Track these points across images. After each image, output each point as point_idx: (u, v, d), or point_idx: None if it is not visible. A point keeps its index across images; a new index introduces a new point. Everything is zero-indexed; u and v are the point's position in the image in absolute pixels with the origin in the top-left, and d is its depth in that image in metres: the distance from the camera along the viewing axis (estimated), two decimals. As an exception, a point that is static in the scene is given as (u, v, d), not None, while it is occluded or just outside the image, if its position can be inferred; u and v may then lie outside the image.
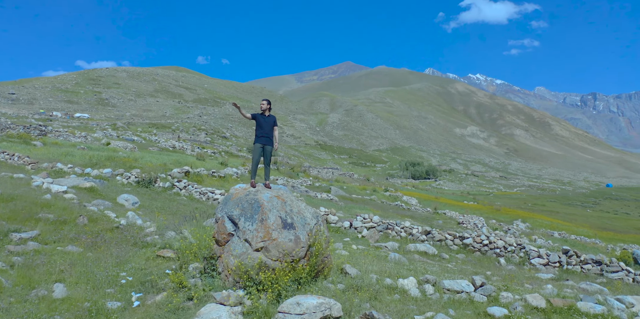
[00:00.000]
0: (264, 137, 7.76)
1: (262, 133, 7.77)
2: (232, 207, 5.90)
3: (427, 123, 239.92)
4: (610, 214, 71.93)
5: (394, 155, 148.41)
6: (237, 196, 5.98)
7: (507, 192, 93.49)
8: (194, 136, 58.86)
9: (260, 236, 5.54)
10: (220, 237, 5.85)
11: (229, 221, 5.89)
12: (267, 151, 7.78)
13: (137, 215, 9.16)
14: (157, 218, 9.28)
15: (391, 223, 12.89)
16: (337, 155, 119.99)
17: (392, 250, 10.12)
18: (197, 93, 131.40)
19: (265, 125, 7.86)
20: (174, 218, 9.64)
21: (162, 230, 8.28)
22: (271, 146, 7.82)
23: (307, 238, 5.69)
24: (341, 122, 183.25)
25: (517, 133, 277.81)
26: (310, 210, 6.09)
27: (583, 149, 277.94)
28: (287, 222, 5.70)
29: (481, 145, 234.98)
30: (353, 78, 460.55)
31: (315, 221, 5.95)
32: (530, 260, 10.97)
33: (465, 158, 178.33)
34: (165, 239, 7.67)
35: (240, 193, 6.06)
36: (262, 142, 7.75)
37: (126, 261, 6.82)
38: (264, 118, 7.86)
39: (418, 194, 47.39)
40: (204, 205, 12.63)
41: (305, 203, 6.27)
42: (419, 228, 12.54)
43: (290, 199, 6.10)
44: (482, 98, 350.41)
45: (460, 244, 12.06)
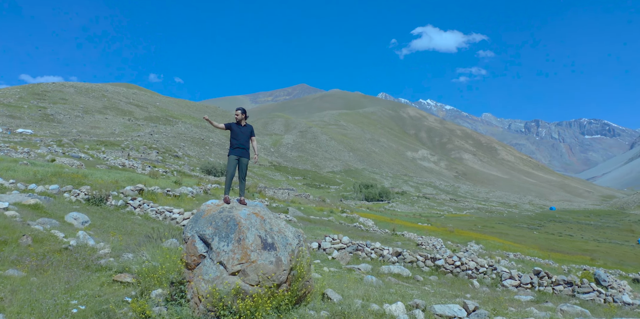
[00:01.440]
0: (239, 148, 7.22)
1: (238, 144, 7.24)
2: (204, 225, 5.28)
3: (380, 146, 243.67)
4: (555, 236, 74.51)
5: (347, 177, 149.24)
6: (210, 214, 5.39)
7: (457, 214, 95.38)
8: (145, 154, 56.86)
9: (237, 258, 4.94)
10: (190, 259, 5.22)
11: (200, 241, 5.28)
12: (242, 164, 7.24)
13: (88, 235, 8.26)
14: (112, 239, 8.39)
15: (361, 244, 12.45)
16: (291, 176, 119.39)
17: (365, 272, 9.68)
18: (149, 111, 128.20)
19: (241, 135, 7.33)
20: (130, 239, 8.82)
21: (117, 252, 7.47)
22: (247, 158, 7.30)
23: (289, 260, 5.12)
24: (296, 144, 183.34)
25: (465, 157, 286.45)
26: (291, 229, 5.57)
27: (527, 173, 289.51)
28: (267, 242, 5.14)
29: (432, 168, 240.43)
30: (308, 100, 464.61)
31: (297, 241, 5.41)
32: (502, 281, 10.81)
33: (417, 181, 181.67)
34: (122, 262, 6.87)
35: (213, 210, 5.48)
36: (238, 153, 7.21)
37: (77, 287, 5.93)
38: (239, 128, 7.34)
39: (374, 215, 47.37)
40: (161, 224, 11.79)
41: (285, 222, 5.76)
42: (389, 250, 12.18)
43: (270, 217, 5.56)
44: (432, 123, 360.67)
45: (432, 265, 11.77)
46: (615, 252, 52.47)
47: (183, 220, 12.44)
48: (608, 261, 40.58)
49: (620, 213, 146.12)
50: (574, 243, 62.01)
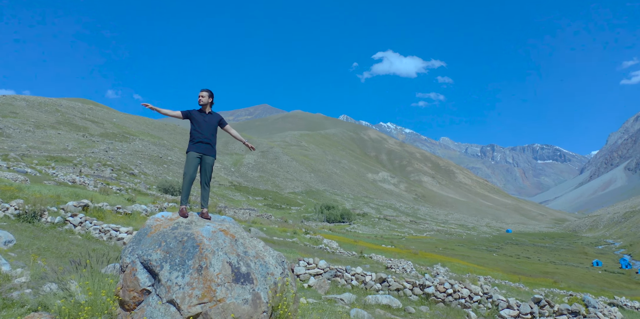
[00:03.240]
0: (202, 144, 5.69)
1: (201, 138, 5.69)
2: (149, 247, 3.87)
3: (341, 168, 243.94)
4: (513, 258, 75.08)
5: (309, 198, 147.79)
6: (159, 231, 3.95)
7: (418, 236, 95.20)
8: (99, 171, 53.86)
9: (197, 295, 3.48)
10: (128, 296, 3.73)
11: (143, 269, 3.81)
12: (206, 164, 5.72)
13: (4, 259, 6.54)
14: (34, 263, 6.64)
15: (340, 269, 10.90)
16: (252, 197, 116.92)
17: (349, 303, 8.26)
18: (105, 128, 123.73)
19: (205, 125, 5.78)
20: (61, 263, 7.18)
21: (38, 281, 5.75)
22: (213, 156, 5.80)
23: (270, 297, 3.72)
24: (257, 164, 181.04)
25: (424, 179, 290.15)
26: (272, 253, 4.16)
27: (484, 196, 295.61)
28: (240, 272, 3.73)
29: (392, 190, 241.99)
30: (269, 120, 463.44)
31: (281, 269, 4.01)
32: (500, 312, 9.58)
33: (378, 203, 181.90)
34: (40, 295, 5.15)
35: (163, 226, 4.04)
36: (201, 149, 5.68)
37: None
38: (202, 117, 5.81)
39: (337, 237, 46.09)
40: (104, 245, 10.00)
41: (263, 243, 4.33)
42: (372, 276, 10.76)
43: (243, 235, 4.15)
44: (392, 146, 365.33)
45: (420, 293, 10.39)
46: (574, 274, 52.88)
47: None
48: (571, 284, 40.55)
49: (573, 236, 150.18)
50: (533, 265, 62.37)
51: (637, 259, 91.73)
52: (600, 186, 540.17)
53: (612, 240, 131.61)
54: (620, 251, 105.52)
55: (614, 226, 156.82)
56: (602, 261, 77.17)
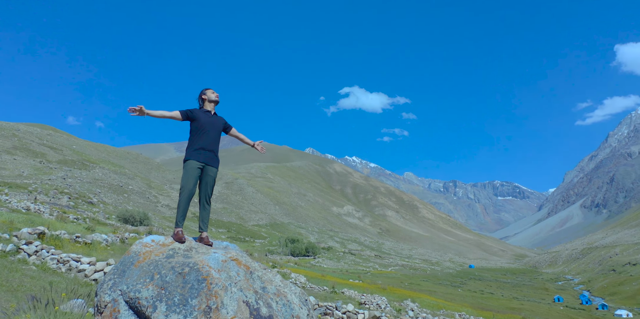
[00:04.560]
0: (204, 151, 4.90)
1: (203, 144, 4.90)
2: (137, 281, 3.01)
3: (307, 201, 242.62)
4: (477, 293, 75.01)
5: (273, 230, 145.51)
6: (150, 260, 3.12)
7: (383, 271, 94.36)
8: (55, 199, 51.31)
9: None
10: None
11: (128, 310, 2.91)
12: (208, 176, 4.93)
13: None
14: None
15: (330, 306, 10.08)
16: (215, 229, 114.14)
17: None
18: (64, 154, 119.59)
19: (210, 129, 5.00)
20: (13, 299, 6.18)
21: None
22: (216, 168, 5.05)
23: (298, 348, 2.90)
24: (221, 195, 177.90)
25: (389, 214, 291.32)
26: (294, 290, 3.42)
27: (447, 231, 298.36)
28: (261, 314, 2.95)
29: (356, 224, 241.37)
30: (235, 151, 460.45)
31: (306, 311, 3.28)
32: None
33: (342, 237, 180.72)
34: None
35: (154, 253, 3.18)
36: (203, 158, 4.89)
37: None
38: (209, 117, 5.08)
39: (304, 271, 44.89)
40: (63, 278, 8.85)
41: (280, 275, 3.60)
42: (365, 314, 10.01)
43: (256, 266, 3.40)
44: (357, 180, 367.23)
45: (413, 333, 9.79)
46: (539, 310, 52.95)
47: (94, 273, 9.41)
48: (538, 321, 40.43)
49: (533, 272, 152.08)
50: (499, 301, 62.28)
51: (596, 295, 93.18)
52: (558, 223, 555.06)
53: (571, 276, 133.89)
54: (579, 287, 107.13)
55: (572, 263, 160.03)
56: (563, 297, 77.95)
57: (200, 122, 4.87)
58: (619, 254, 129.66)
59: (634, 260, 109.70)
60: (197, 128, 4.88)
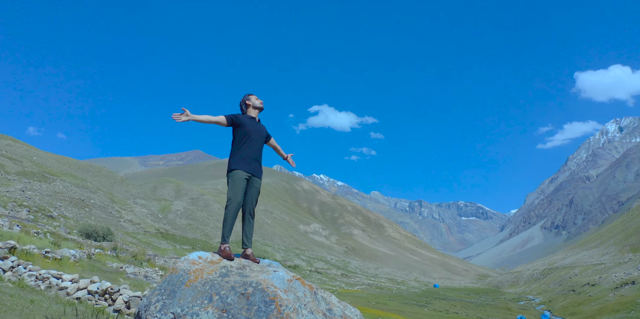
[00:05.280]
0: (251, 160, 4.72)
1: (249, 153, 4.69)
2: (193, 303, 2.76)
3: (273, 218, 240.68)
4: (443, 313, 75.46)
5: (239, 248, 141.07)
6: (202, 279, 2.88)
7: (349, 290, 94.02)
8: (14, 212, 49.37)
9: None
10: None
11: None
12: (254, 188, 4.77)
13: None
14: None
15: None
16: (179, 245, 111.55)
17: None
18: (23, 166, 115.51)
19: (256, 137, 4.79)
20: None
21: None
22: (261, 178, 4.91)
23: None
24: (186, 211, 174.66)
25: (355, 232, 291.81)
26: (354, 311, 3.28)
27: (412, 251, 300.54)
28: None
29: (323, 242, 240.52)
30: (202, 167, 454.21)
31: None
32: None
33: (309, 255, 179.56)
34: None
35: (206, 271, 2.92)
36: (250, 169, 4.71)
37: None
38: (254, 125, 4.90)
39: (273, 290, 44.35)
40: (44, 296, 8.27)
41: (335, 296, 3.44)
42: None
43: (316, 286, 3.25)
44: (325, 198, 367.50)
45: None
46: (504, 331, 53.76)
47: (77, 291, 8.94)
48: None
49: (496, 292, 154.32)
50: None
51: (557, 315, 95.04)
52: (519, 244, 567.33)
53: (533, 296, 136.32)
54: (540, 307, 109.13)
55: (533, 283, 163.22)
56: (525, 317, 79.17)
57: (246, 128, 4.69)
58: (578, 274, 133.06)
59: (593, 280, 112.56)
60: (242, 135, 4.69)
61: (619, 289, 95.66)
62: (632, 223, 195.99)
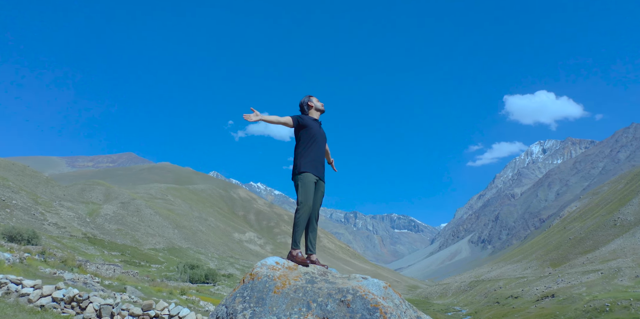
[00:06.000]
0: (318, 164, 4.44)
1: (316, 155, 4.40)
2: (289, 310, 2.51)
3: (208, 225, 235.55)
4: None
5: (171, 255, 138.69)
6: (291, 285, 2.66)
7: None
8: None
9: None
10: None
11: None
12: (320, 192, 4.46)
13: None
14: None
15: None
16: (107, 251, 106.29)
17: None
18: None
19: (321, 140, 4.53)
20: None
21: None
22: (325, 182, 4.58)
23: None
24: (116, 215, 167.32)
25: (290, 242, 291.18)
26: None
27: (346, 261, 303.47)
28: None
29: (257, 251, 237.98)
30: (134, 170, 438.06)
31: None
32: None
33: (243, 264, 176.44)
34: None
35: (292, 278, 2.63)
36: (319, 172, 4.42)
37: None
38: (318, 127, 4.62)
39: (210, 299, 43.11)
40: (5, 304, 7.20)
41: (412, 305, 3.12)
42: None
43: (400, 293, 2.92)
44: (261, 206, 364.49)
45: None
46: (437, 341, 54.87)
47: (40, 298, 7.94)
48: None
49: (425, 303, 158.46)
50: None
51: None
52: (448, 257, 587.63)
53: (460, 307, 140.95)
54: (467, 318, 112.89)
55: (461, 294, 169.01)
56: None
57: (312, 130, 4.46)
58: (502, 287, 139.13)
59: (516, 293, 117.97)
60: (308, 137, 4.45)
61: (540, 301, 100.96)
62: (552, 240, 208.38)
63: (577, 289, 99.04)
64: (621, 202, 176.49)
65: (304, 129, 4.60)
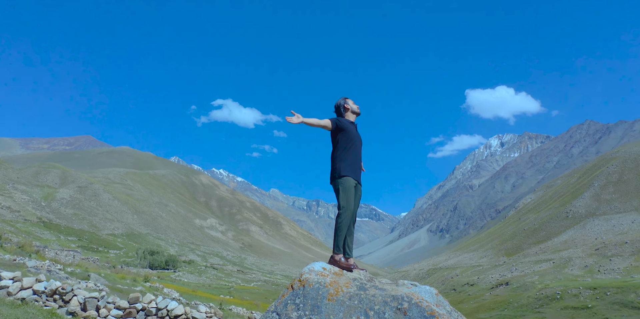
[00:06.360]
0: (356, 167, 4.34)
1: (355, 159, 4.31)
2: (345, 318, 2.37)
3: (168, 211, 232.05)
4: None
5: (130, 241, 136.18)
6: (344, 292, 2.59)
7: (246, 286, 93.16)
8: None
9: None
10: None
11: None
12: (358, 196, 4.38)
13: None
14: None
15: None
16: (64, 236, 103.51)
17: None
18: None
19: (358, 143, 4.43)
20: None
21: None
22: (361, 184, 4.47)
23: None
24: (72, 199, 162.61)
25: (252, 229, 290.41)
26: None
27: (307, 249, 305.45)
28: None
29: (219, 238, 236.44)
30: (92, 154, 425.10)
31: None
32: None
33: (204, 250, 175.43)
34: None
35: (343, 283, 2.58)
36: (358, 176, 4.34)
37: None
38: (355, 131, 4.51)
39: (175, 286, 42.62)
40: None
41: None
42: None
43: None
44: (224, 193, 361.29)
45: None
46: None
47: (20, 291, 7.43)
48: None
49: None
50: None
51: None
52: (407, 245, 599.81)
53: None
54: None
55: (419, 281, 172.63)
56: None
57: (350, 133, 4.36)
58: (459, 275, 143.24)
59: (472, 280, 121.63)
60: (347, 139, 4.35)
61: (495, 289, 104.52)
62: (507, 230, 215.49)
63: (530, 277, 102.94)
64: (573, 195, 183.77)
65: (342, 132, 4.53)
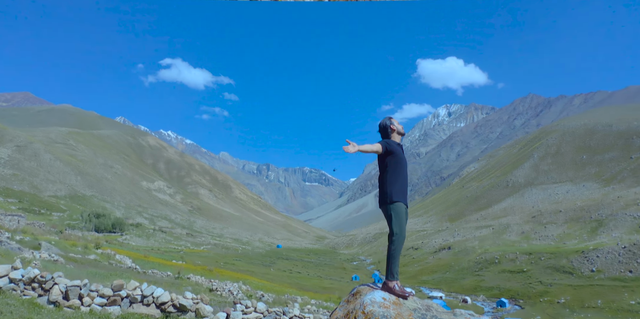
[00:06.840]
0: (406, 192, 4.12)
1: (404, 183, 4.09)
2: None
3: (113, 173, 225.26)
4: (287, 272, 79.15)
5: (73, 203, 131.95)
6: None
7: (195, 250, 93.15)
8: None
9: None
10: None
11: None
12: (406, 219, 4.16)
13: None
14: None
15: (278, 312, 8.68)
16: (3, 198, 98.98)
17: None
18: None
19: (406, 166, 4.22)
20: None
21: None
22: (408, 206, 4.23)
23: None
24: (11, 159, 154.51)
25: (201, 192, 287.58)
26: None
27: (257, 212, 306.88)
28: None
29: (167, 200, 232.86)
30: (31, 111, 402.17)
31: None
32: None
33: (152, 213, 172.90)
34: None
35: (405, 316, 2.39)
36: (407, 201, 4.12)
37: None
38: (402, 153, 4.26)
39: (126, 252, 41.75)
40: None
41: None
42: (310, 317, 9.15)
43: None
44: (172, 155, 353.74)
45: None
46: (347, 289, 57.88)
47: None
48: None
49: (333, 252, 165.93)
50: (311, 281, 66.36)
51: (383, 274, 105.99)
52: (355, 209, 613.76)
53: (364, 257, 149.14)
54: (371, 267, 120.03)
55: (366, 245, 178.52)
56: (359, 276, 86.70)
57: (399, 156, 4.15)
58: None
59: (416, 245, 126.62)
60: (395, 163, 4.13)
61: (438, 253, 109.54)
62: (451, 197, 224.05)
63: (471, 242, 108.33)
64: (514, 165, 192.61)
65: (391, 155, 4.32)
